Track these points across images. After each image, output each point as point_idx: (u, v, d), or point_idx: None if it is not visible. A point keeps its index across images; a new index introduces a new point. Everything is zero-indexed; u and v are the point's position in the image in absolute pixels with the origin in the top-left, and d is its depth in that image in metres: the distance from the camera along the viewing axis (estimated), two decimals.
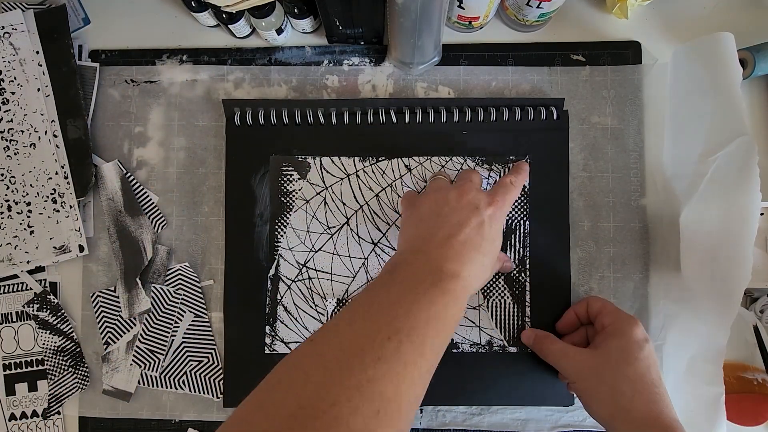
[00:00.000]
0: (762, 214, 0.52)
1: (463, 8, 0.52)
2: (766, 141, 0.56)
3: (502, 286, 0.54)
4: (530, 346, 0.52)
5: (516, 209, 0.54)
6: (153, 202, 0.57)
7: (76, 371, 0.55)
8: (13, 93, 0.56)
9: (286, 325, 0.54)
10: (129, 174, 0.57)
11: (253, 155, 0.55)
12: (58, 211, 0.55)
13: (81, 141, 0.56)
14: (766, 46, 0.53)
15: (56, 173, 0.56)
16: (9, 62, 0.56)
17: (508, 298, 0.54)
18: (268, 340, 0.54)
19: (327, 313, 0.54)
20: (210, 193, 0.57)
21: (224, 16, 0.54)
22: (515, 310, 0.54)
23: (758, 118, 0.56)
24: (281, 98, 0.58)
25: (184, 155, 0.58)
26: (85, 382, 0.56)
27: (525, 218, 0.54)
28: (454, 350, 0.54)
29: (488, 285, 0.54)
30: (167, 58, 0.59)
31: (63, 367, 0.55)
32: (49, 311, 0.56)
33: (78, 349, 0.56)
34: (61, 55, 0.56)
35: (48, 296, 0.56)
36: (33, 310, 0.56)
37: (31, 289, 0.56)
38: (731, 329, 0.45)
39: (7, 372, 0.56)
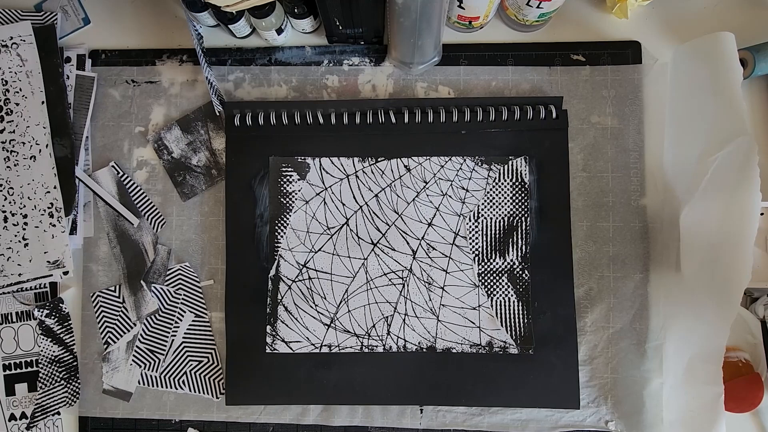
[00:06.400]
0: (762, 214, 0.52)
1: (463, 8, 0.52)
2: (766, 141, 0.56)
3: (506, 284, 0.54)
4: None
5: (517, 207, 0.54)
6: (152, 202, 0.57)
7: (68, 385, 0.55)
8: (17, 104, 0.56)
9: (287, 325, 0.54)
10: (125, 176, 0.57)
11: (252, 157, 0.55)
12: (54, 225, 0.55)
13: (67, 160, 0.56)
14: (766, 46, 0.53)
15: (54, 187, 0.55)
16: (16, 73, 0.56)
17: (512, 296, 0.54)
18: (269, 340, 0.54)
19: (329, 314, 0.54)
20: (210, 193, 0.57)
21: (225, 16, 0.54)
22: (520, 307, 0.54)
23: (758, 118, 0.56)
24: (281, 98, 0.58)
25: None
26: (74, 398, 0.55)
27: (526, 215, 0.54)
28: (454, 351, 0.54)
29: (492, 283, 0.54)
30: (167, 58, 0.59)
31: (56, 378, 0.55)
32: (56, 319, 0.56)
33: (75, 363, 0.56)
34: (50, 74, 0.56)
35: (60, 305, 0.56)
36: (42, 315, 0.56)
37: (31, 289, 0.56)
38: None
39: (7, 372, 0.56)
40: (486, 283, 0.54)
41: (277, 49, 0.58)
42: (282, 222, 0.55)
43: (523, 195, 0.54)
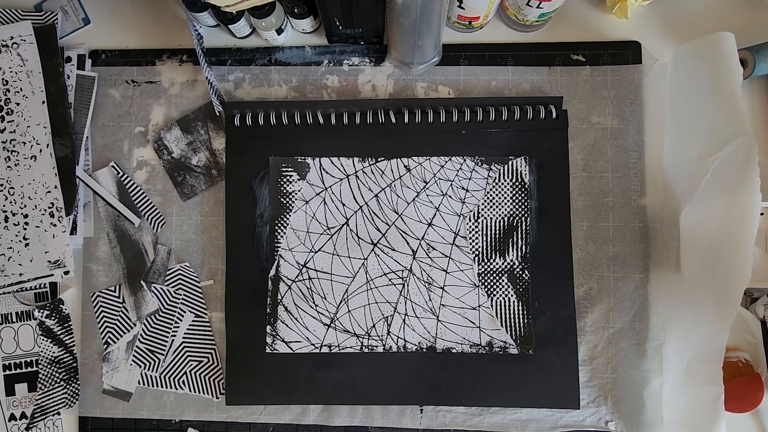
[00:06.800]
0: (762, 214, 0.52)
1: (463, 8, 0.52)
2: (766, 141, 0.56)
3: (506, 284, 0.54)
4: None
5: (517, 207, 0.54)
6: (152, 202, 0.57)
7: (68, 386, 0.55)
8: (18, 104, 0.56)
9: (287, 325, 0.54)
10: (125, 176, 0.57)
11: (252, 157, 0.55)
12: (55, 225, 0.55)
13: (67, 159, 0.56)
14: (766, 46, 0.53)
15: (55, 187, 0.55)
16: (16, 73, 0.56)
17: (512, 296, 0.54)
18: (269, 340, 0.54)
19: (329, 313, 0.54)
20: (210, 193, 0.57)
21: (225, 16, 0.54)
22: (520, 307, 0.54)
23: (758, 118, 0.56)
24: (281, 98, 0.58)
25: None
26: (74, 400, 0.55)
27: (526, 215, 0.54)
28: (454, 351, 0.54)
29: (492, 283, 0.54)
30: (167, 58, 0.59)
31: (55, 379, 0.55)
32: (57, 320, 0.56)
33: (74, 364, 0.56)
34: (50, 74, 0.56)
35: (60, 306, 0.56)
36: (42, 316, 0.56)
37: (32, 289, 0.56)
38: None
39: (7, 372, 0.56)
40: (486, 283, 0.54)
41: (277, 49, 0.58)
42: (282, 222, 0.55)
43: (523, 195, 0.54)
